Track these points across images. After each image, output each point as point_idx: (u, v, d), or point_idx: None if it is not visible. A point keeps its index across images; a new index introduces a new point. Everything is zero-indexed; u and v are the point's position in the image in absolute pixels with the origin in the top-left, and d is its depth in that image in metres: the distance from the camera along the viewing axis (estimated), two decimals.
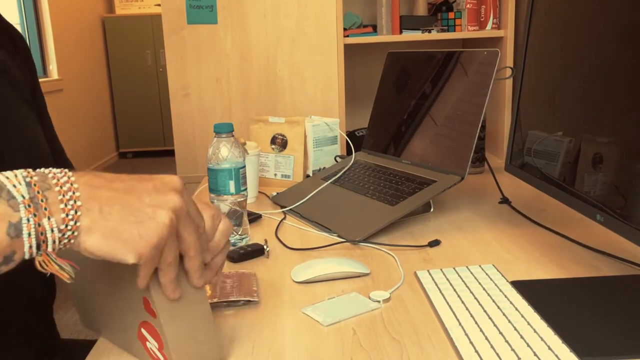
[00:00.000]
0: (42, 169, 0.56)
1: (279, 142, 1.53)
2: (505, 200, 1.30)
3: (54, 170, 0.56)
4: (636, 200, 0.76)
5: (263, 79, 1.87)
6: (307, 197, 1.32)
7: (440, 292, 0.84)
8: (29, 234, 0.52)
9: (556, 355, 0.65)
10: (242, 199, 1.10)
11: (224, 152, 1.08)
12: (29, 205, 0.52)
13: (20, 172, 0.54)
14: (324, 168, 1.51)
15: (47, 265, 0.54)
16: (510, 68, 1.74)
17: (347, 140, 1.57)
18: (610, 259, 0.96)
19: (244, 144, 1.37)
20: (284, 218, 1.26)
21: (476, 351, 0.67)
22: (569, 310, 0.77)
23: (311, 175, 1.52)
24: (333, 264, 0.94)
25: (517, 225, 1.15)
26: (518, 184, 1.43)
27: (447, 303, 0.80)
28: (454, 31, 1.90)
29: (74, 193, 0.54)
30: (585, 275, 0.90)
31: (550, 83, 1.02)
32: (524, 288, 0.83)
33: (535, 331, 0.70)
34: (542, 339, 0.69)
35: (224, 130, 1.09)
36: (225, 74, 1.87)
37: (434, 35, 1.87)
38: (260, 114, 1.86)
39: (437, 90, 1.32)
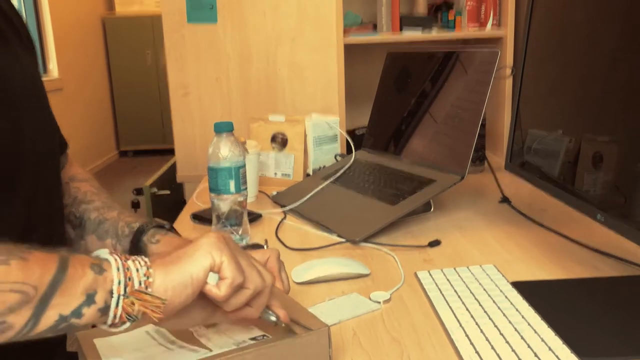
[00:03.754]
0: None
1: (279, 141, 1.53)
2: (505, 200, 1.29)
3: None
4: (636, 200, 0.76)
5: (263, 78, 1.87)
6: (307, 197, 1.31)
7: (441, 292, 0.83)
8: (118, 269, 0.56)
9: (557, 356, 0.65)
10: (242, 199, 1.10)
11: (224, 151, 1.08)
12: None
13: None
14: (324, 167, 1.51)
15: (133, 305, 0.55)
16: (510, 67, 1.73)
17: (347, 139, 1.57)
18: (610, 259, 0.96)
19: (244, 142, 1.37)
20: (284, 217, 1.26)
21: (476, 352, 0.67)
22: (569, 311, 0.77)
23: (311, 174, 1.52)
24: (333, 265, 0.93)
25: (517, 225, 1.15)
26: (518, 183, 1.43)
27: (448, 304, 0.80)
28: (454, 30, 1.90)
29: (147, 278, 0.57)
30: (585, 275, 0.90)
31: (550, 82, 1.02)
32: (525, 289, 0.83)
33: (535, 332, 0.70)
34: (542, 340, 0.68)
35: (224, 129, 1.09)
36: (225, 73, 1.87)
37: (434, 34, 1.87)
38: (260, 113, 1.86)
39: (437, 89, 1.31)
